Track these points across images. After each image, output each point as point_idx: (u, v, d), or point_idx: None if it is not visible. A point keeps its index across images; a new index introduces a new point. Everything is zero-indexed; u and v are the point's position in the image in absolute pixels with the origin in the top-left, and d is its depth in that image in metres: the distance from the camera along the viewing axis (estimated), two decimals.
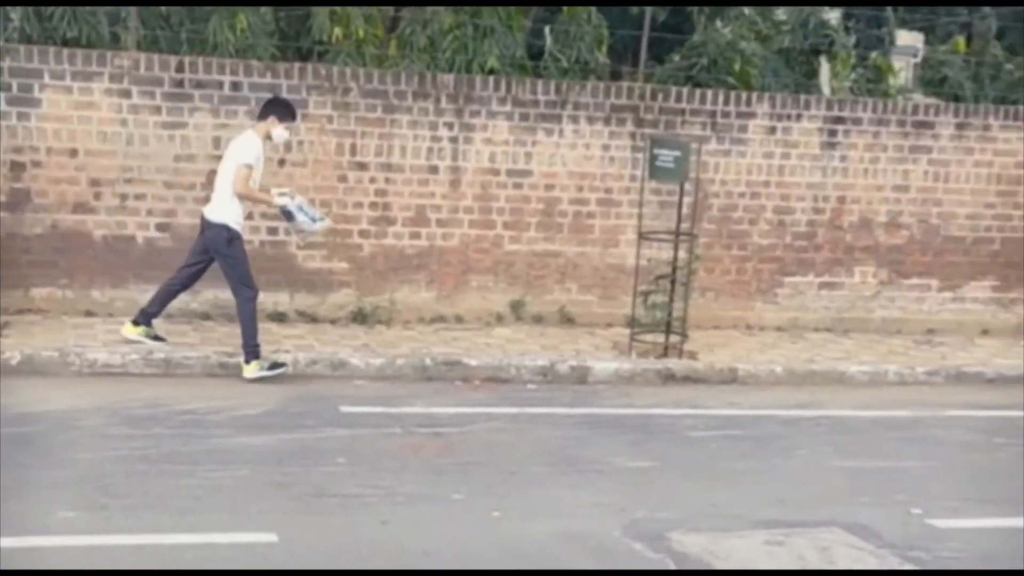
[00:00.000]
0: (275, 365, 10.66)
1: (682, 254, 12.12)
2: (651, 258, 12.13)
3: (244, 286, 10.56)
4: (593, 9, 14.35)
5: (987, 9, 16.70)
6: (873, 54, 16.28)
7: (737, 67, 14.50)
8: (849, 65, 15.77)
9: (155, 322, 11.01)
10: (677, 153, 11.68)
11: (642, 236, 12.19)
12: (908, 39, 16.69)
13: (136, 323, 10.88)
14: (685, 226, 12.13)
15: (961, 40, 17.04)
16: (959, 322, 14.02)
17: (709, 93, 13.33)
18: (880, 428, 10.60)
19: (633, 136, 13.03)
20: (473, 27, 13.60)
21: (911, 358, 12.76)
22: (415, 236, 12.69)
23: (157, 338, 10.94)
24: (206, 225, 10.59)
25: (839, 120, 13.59)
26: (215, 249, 10.57)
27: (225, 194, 10.45)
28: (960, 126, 13.88)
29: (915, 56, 16.53)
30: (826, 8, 16.18)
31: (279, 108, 10.75)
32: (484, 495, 8.06)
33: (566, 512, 7.84)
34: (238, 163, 10.36)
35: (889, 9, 16.63)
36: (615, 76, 15.11)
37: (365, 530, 7.28)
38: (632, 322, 12.24)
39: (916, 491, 8.71)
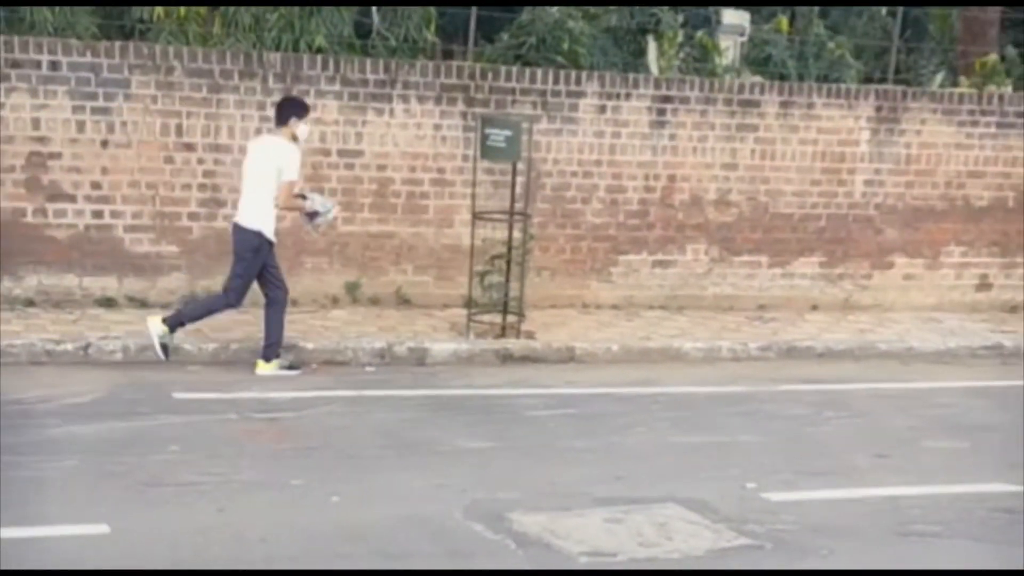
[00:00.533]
0: (290, 367, 10.73)
1: (517, 234, 12.07)
2: (486, 238, 12.08)
3: (236, 294, 10.54)
4: None
5: None
6: (699, 33, 16.42)
7: (566, 46, 14.48)
8: (676, 44, 15.87)
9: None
10: (508, 132, 11.63)
11: (476, 216, 12.12)
12: (735, 18, 16.89)
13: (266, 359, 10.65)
14: (519, 206, 12.09)
15: (784, 19, 17.28)
16: (789, 298, 14.24)
17: (539, 72, 13.33)
18: (715, 404, 10.72)
19: (464, 115, 12.97)
20: (300, 5, 13.38)
21: (744, 334, 12.94)
22: None
23: (291, 367, 10.80)
24: (239, 231, 10.45)
25: (667, 99, 13.70)
26: (240, 249, 10.43)
27: (261, 202, 10.32)
28: (785, 104, 14.08)
29: (742, 35, 16.73)
30: None
31: (295, 107, 10.68)
32: (323, 480, 7.92)
33: (406, 495, 7.75)
34: (284, 179, 10.26)
35: None
36: (447, 55, 15.02)
37: (201, 518, 7.09)
38: (469, 303, 12.18)
39: (750, 465, 8.80)
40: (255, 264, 10.44)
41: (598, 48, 15.06)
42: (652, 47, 15.07)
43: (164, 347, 10.53)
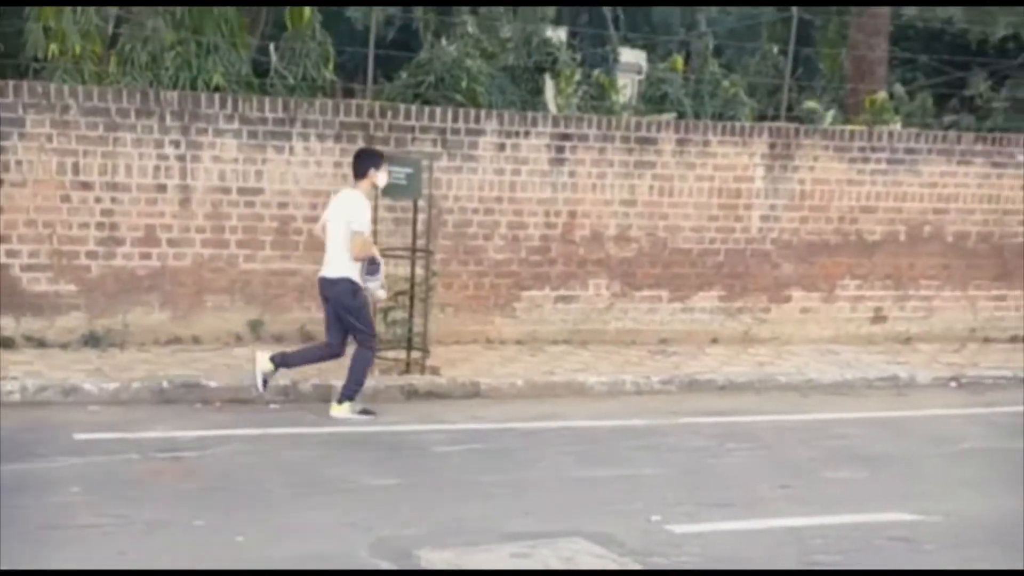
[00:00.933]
0: (364, 411, 10.85)
1: (419, 270, 12.07)
2: (389, 275, 12.02)
3: (368, 335, 10.88)
4: (318, 26, 14.22)
5: (704, 27, 17.23)
6: (596, 72, 16.58)
7: (464, 84, 14.55)
8: (574, 82, 16.01)
9: None
10: (409, 170, 11.65)
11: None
12: (632, 57, 17.07)
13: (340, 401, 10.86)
14: (421, 242, 12.09)
15: (679, 58, 17.51)
16: (690, 331, 14.35)
17: (438, 110, 13.37)
18: (619, 437, 10.74)
19: None
20: (196, 44, 13.31)
21: (646, 368, 13.00)
22: (145, 256, 12.35)
23: (366, 411, 10.91)
24: (328, 284, 10.78)
25: (566, 136, 13.79)
26: (341, 303, 10.74)
27: (343, 254, 10.65)
28: (681, 142, 14.22)
29: (639, 73, 16.92)
30: (550, 26, 16.42)
31: (372, 159, 11.03)
32: (227, 520, 7.84)
33: (312, 533, 7.69)
34: (356, 231, 10.55)
35: (612, 28, 17.00)
36: (348, 93, 15.02)
37: (102, 561, 6.97)
38: None
39: (655, 498, 8.85)
40: (360, 304, 10.81)
41: (496, 86, 15.15)
42: (550, 85, 15.20)
43: (265, 379, 10.82)
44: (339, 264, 10.72)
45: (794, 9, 15.58)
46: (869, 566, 7.72)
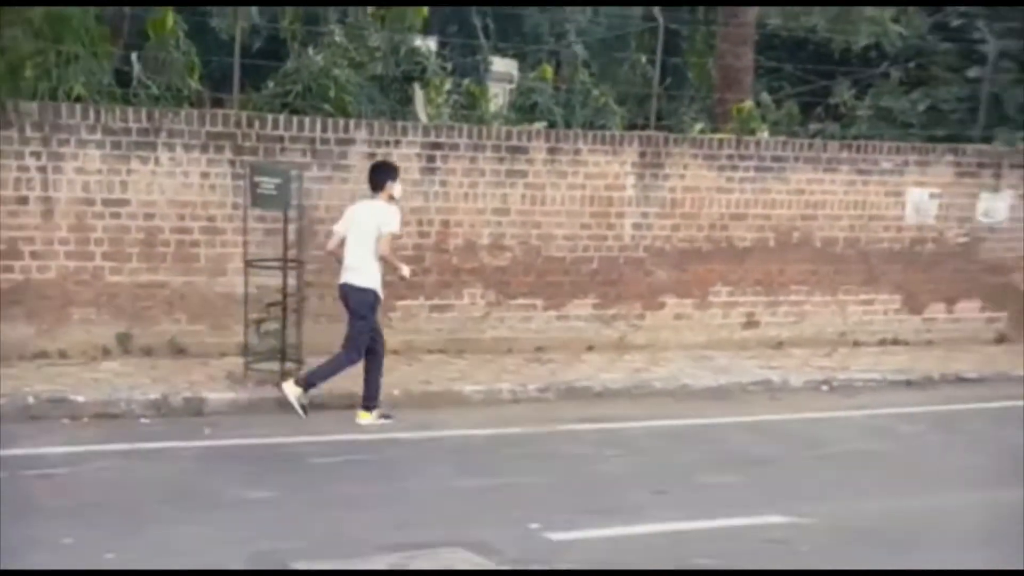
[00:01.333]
0: (385, 415, 11.28)
1: (291, 281, 11.91)
2: (261, 286, 11.88)
3: (356, 350, 11.14)
4: (182, 35, 13.96)
5: (573, 37, 17.29)
6: (466, 81, 16.52)
7: (332, 94, 14.38)
8: (444, 92, 15.92)
9: None
10: (278, 180, 11.55)
11: (249, 264, 11.95)
12: (503, 66, 17.03)
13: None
14: (292, 253, 11.95)
15: (549, 68, 17.50)
16: (565, 339, 14.31)
17: (307, 120, 13.20)
18: (497, 445, 10.72)
19: (232, 163, 12.76)
20: (56, 54, 12.97)
21: (523, 376, 12.96)
22: (8, 270, 12.04)
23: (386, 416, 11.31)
24: (354, 291, 11.13)
25: (437, 146, 13.71)
26: (358, 311, 11.13)
27: (369, 261, 11.09)
28: (552, 151, 14.21)
29: (511, 82, 16.89)
30: (418, 35, 16.31)
31: (389, 171, 11.39)
32: (97, 538, 7.63)
33: (185, 549, 7.53)
34: (386, 231, 11.03)
35: (482, 37, 16.97)
36: (216, 104, 14.75)
37: None
38: (246, 351, 11.97)
39: (533, 506, 8.83)
40: (372, 319, 11.24)
41: (365, 96, 14.98)
42: (419, 95, 15.07)
43: (303, 407, 11.08)
44: (367, 273, 11.12)
45: (660, 19, 15.65)
46: (747, 568, 7.77)
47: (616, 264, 14.54)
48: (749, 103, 17.32)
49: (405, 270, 11.36)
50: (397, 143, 13.47)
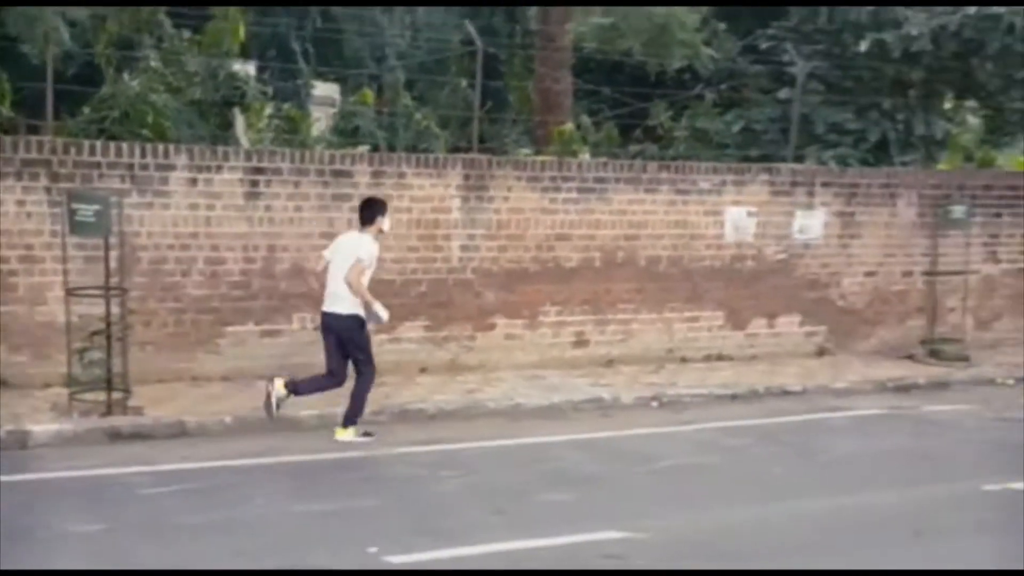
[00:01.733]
0: (366, 434, 11.67)
1: (115, 309, 11.62)
2: (83, 314, 11.57)
3: (369, 365, 11.65)
4: None
5: (394, 61, 17.25)
6: (286, 105, 16.37)
7: (150, 119, 14.16)
8: (264, 116, 15.76)
9: None
10: (97, 207, 11.31)
11: (70, 292, 11.63)
12: (326, 90, 16.90)
13: (345, 426, 11.65)
14: (115, 280, 11.65)
15: (369, 92, 17.44)
16: (398, 361, 14.20)
17: (125, 146, 12.99)
18: (334, 470, 10.60)
19: (49, 191, 12.50)
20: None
21: None
22: None
23: (367, 434, 11.72)
24: (336, 319, 11.51)
25: (260, 171, 13.59)
26: (350, 339, 11.53)
27: (346, 288, 11.36)
28: (376, 174, 14.19)
29: (334, 106, 16.76)
30: (237, 61, 16.13)
31: (379, 207, 11.82)
32: None
33: None
34: (359, 258, 11.37)
35: (302, 61, 16.82)
36: (31, 130, 14.36)
37: None
38: (69, 381, 11.63)
39: (371, 530, 8.77)
40: (366, 341, 11.67)
41: (184, 121, 14.77)
42: (240, 120, 14.90)
43: (278, 404, 11.44)
44: (347, 300, 11.44)
45: (479, 43, 15.72)
46: None
47: (445, 286, 14.55)
48: (569, 126, 17.50)
49: (382, 311, 11.54)
50: (219, 168, 13.29)
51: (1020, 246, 18.05)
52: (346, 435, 11.55)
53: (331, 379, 11.59)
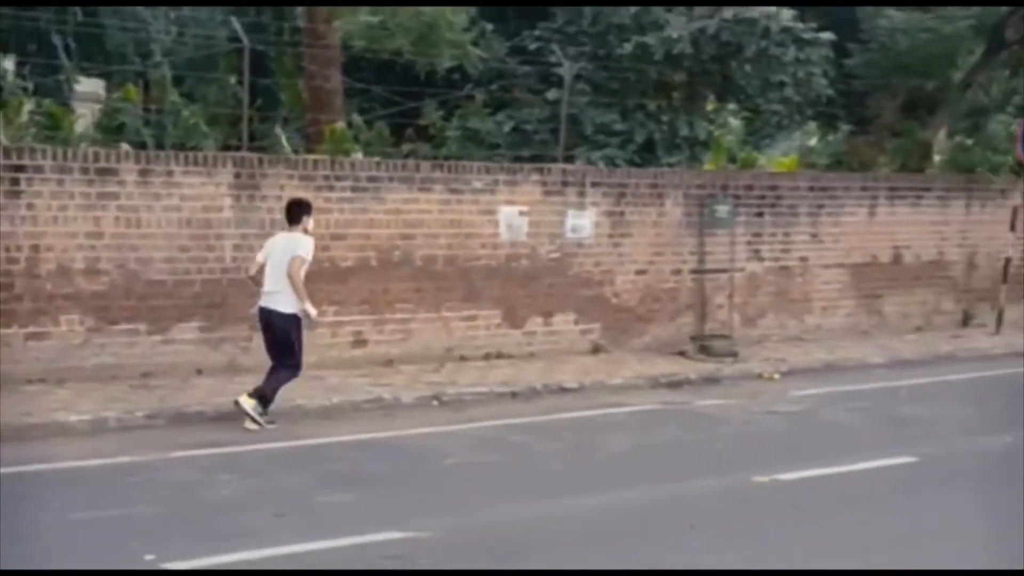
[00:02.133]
0: (269, 421, 12.14)
1: None
2: None
3: (297, 362, 12.39)
4: None
5: (160, 57, 16.80)
6: (47, 101, 15.78)
7: None
8: (24, 112, 15.17)
9: None
10: None
11: None
12: (90, 86, 16.33)
13: (251, 397, 12.16)
14: None
15: (133, 88, 16.95)
16: (173, 363, 13.88)
17: None
18: (108, 476, 10.29)
19: None
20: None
21: (131, 403, 12.49)
22: None
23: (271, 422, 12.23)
24: (276, 316, 12.27)
25: (20, 168, 13.14)
26: (287, 334, 12.31)
27: (286, 286, 12.15)
28: (144, 172, 13.83)
29: (99, 103, 16.23)
30: None
31: (305, 208, 12.69)
32: None
33: None
34: (296, 255, 12.18)
35: (64, 56, 16.25)
36: None
37: None
38: None
39: (148, 537, 8.56)
40: (301, 337, 12.39)
41: None
42: None
43: (258, 412, 12.05)
44: (286, 299, 12.19)
45: (246, 40, 15.45)
46: None
47: (220, 286, 14.25)
48: (341, 124, 17.33)
49: (311, 309, 12.26)
50: None
51: (782, 244, 18.64)
52: (249, 404, 12.02)
53: (291, 371, 12.35)
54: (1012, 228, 20.21)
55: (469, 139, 18.62)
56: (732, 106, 21.63)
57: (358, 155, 16.41)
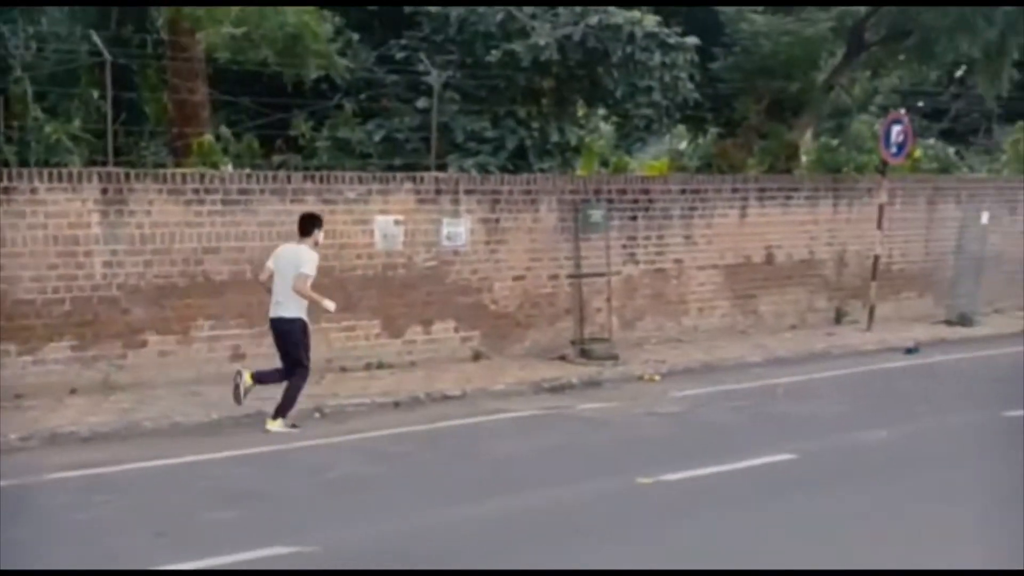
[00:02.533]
0: (293, 426, 12.91)
1: None
2: None
3: (303, 365, 12.96)
4: None
5: (20, 72, 16.34)
6: None
7: None
8: None
9: None
10: None
11: None
12: None
13: (275, 418, 12.84)
14: None
15: None
16: (45, 384, 13.54)
17: None
18: None
19: None
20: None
21: (3, 425, 12.11)
22: None
23: (294, 426, 12.98)
24: (285, 323, 12.88)
25: None
26: (293, 339, 12.89)
27: (293, 295, 12.75)
28: (7, 190, 13.55)
29: None
30: None
31: (316, 221, 13.32)
32: None
33: None
34: (300, 273, 12.73)
35: None
36: None
37: None
38: None
39: (22, 565, 8.31)
40: (307, 343, 13.00)
41: None
42: None
43: (246, 391, 12.82)
44: (293, 306, 12.79)
45: (106, 54, 15.13)
46: None
47: (90, 304, 13.92)
48: (208, 137, 17.05)
49: (328, 304, 12.94)
50: None
51: (656, 247, 18.74)
52: (276, 425, 12.68)
53: (304, 372, 12.97)
54: (879, 226, 20.56)
55: (340, 149, 18.40)
56: (601, 111, 21.67)
57: (228, 168, 16.16)
